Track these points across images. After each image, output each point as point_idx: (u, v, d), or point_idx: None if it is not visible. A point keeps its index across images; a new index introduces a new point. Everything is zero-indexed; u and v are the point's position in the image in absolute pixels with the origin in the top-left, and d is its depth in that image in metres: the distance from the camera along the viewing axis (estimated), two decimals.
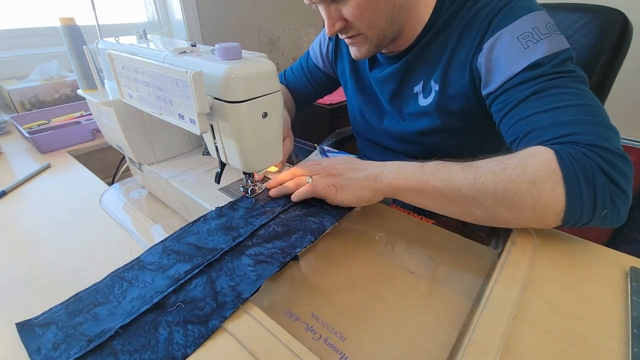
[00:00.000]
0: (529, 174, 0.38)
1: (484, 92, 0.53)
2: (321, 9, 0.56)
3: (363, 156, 0.86)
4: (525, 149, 0.42)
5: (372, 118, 0.75)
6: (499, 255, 0.41)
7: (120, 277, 0.38)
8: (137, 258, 0.41)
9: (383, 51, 0.64)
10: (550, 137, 0.42)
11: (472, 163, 0.43)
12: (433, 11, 0.57)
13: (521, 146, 0.45)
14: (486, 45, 0.51)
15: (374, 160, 0.51)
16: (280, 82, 0.88)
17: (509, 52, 0.48)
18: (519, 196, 0.39)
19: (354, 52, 0.62)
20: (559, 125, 0.42)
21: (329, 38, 0.77)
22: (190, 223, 0.46)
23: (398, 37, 0.59)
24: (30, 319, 0.34)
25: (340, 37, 0.61)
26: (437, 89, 0.60)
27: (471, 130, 0.62)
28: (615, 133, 0.42)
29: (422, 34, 0.58)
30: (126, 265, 0.40)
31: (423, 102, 0.62)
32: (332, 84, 0.87)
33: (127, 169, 0.71)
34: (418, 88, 0.63)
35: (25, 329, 0.33)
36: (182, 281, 0.37)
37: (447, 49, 0.56)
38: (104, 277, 0.38)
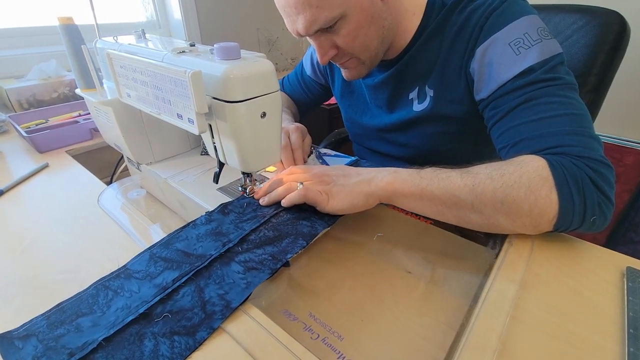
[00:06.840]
0: (525, 181, 0.39)
1: (477, 98, 0.53)
2: (311, 40, 0.54)
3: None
4: (518, 156, 0.43)
5: (367, 125, 0.74)
6: (497, 256, 0.41)
7: (105, 286, 0.37)
8: (124, 266, 0.39)
9: None
10: (539, 147, 0.43)
11: (469, 169, 0.43)
12: (422, 19, 0.56)
13: (510, 154, 0.46)
14: (478, 51, 0.51)
15: (372, 166, 0.50)
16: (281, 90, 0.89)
17: (501, 59, 0.48)
18: (517, 202, 0.39)
19: (346, 74, 0.61)
20: (548, 136, 0.43)
21: None
22: (179, 229, 0.45)
23: (387, 49, 0.59)
24: (10, 331, 0.33)
25: (333, 62, 0.60)
26: (432, 95, 0.59)
27: (467, 134, 0.62)
28: (599, 142, 0.43)
29: (412, 42, 0.58)
30: (112, 273, 0.38)
31: (417, 107, 0.62)
32: (327, 94, 0.87)
33: (126, 169, 0.71)
34: (413, 94, 0.62)
35: (5, 341, 0.31)
36: (169, 290, 0.35)
37: (440, 54, 0.56)
38: (88, 285, 0.37)
